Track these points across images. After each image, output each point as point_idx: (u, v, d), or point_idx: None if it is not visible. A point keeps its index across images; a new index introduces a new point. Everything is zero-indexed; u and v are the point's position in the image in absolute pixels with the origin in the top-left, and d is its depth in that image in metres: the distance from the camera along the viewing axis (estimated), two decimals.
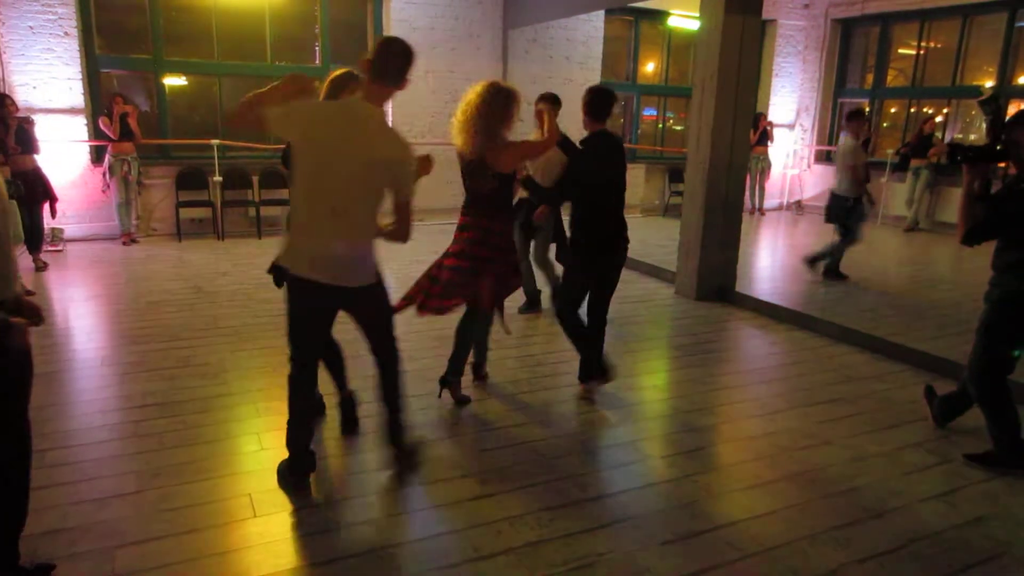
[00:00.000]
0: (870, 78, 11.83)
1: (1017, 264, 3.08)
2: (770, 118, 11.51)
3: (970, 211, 3.12)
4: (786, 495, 3.02)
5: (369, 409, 3.55)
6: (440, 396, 3.83)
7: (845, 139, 6.58)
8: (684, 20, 10.92)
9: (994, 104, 3.62)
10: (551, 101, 4.75)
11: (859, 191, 6.48)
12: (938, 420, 3.75)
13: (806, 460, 3.33)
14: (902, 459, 3.37)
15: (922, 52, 11.07)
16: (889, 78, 11.74)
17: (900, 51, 11.65)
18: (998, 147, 3.09)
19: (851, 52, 12.04)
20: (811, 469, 3.24)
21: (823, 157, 12.05)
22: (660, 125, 11.99)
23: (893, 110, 11.95)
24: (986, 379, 3.27)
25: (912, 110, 11.49)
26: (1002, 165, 3.74)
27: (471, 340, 3.83)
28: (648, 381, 4.50)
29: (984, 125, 4.20)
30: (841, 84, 12.06)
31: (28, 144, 6.43)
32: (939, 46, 11.06)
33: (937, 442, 3.56)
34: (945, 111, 11.05)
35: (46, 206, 6.76)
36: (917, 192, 9.96)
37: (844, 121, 6.65)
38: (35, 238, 6.58)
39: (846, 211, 6.55)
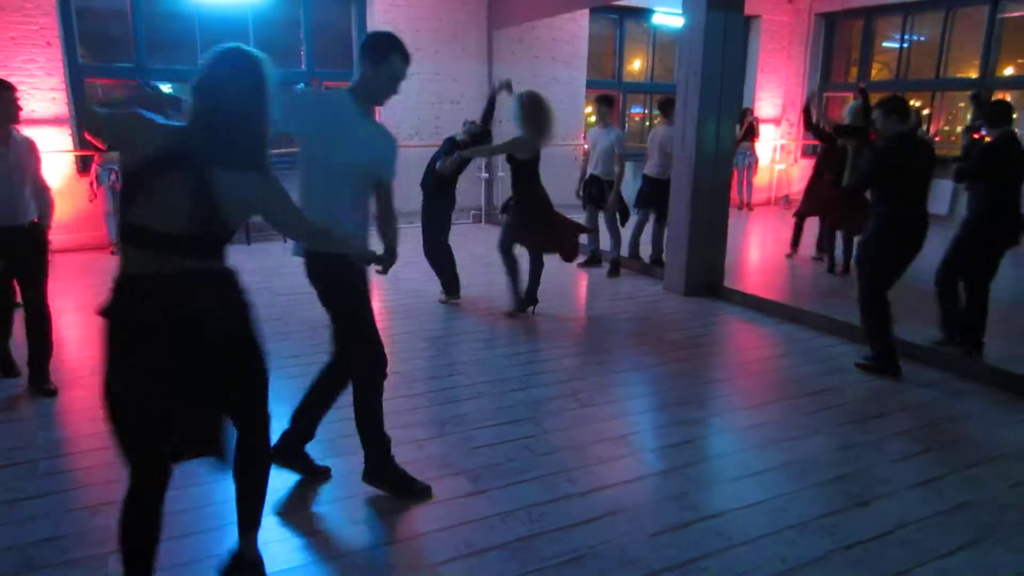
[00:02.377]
0: (855, 71, 11.91)
1: (878, 211, 4.13)
2: (756, 113, 11.57)
3: (851, 173, 4.34)
4: (774, 485, 3.05)
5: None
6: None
7: (665, 126, 6.83)
8: (668, 17, 10.97)
9: (864, 95, 5.03)
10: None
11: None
12: (896, 373, 4.29)
13: (794, 450, 3.36)
14: (888, 447, 3.41)
15: (906, 45, 11.16)
16: (874, 71, 11.83)
17: (884, 44, 11.74)
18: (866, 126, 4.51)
19: (835, 46, 12.12)
20: (799, 459, 3.28)
21: (810, 151, 12.12)
22: (647, 123, 12.04)
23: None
24: (866, 300, 4.21)
25: None
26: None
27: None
28: (638, 376, 4.54)
29: (859, 110, 5.50)
30: (826, 78, 12.14)
31: None
32: (923, 39, 11.15)
33: (923, 430, 3.61)
34: (918, 105, 11.14)
35: None
36: None
37: (662, 109, 7.04)
38: None
39: (667, 193, 6.74)
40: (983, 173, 4.36)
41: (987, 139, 4.59)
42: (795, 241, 7.59)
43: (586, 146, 7.17)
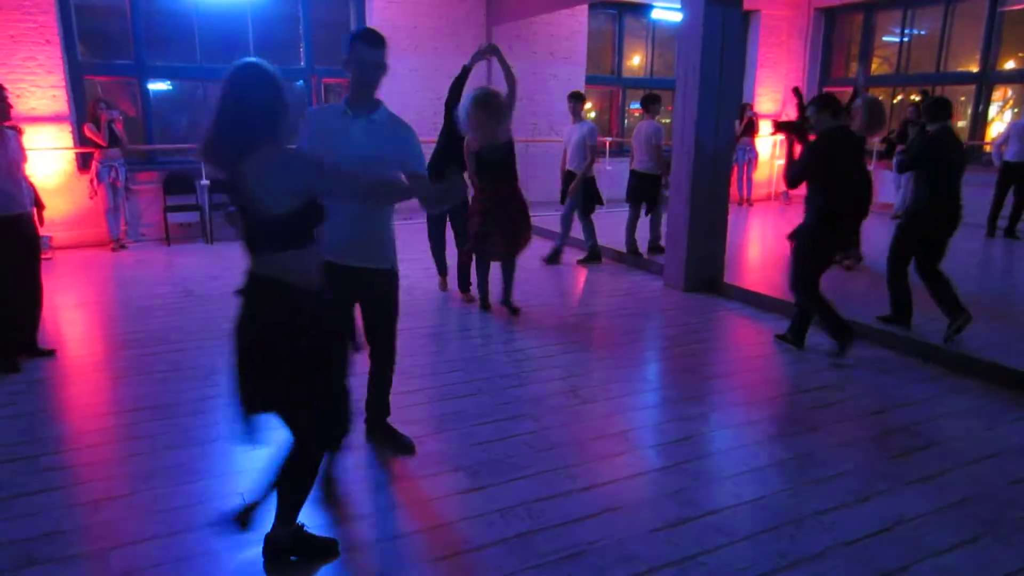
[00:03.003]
0: (855, 66, 11.88)
1: (815, 203, 4.29)
2: (756, 108, 11.55)
3: (789, 165, 4.54)
4: (773, 481, 3.06)
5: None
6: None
7: (649, 122, 7.06)
8: (667, 12, 10.96)
9: (798, 95, 5.18)
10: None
11: (667, 169, 6.87)
12: (799, 344, 4.65)
13: (793, 446, 3.37)
14: (888, 443, 3.41)
15: (906, 39, 11.14)
16: (874, 66, 11.81)
17: (884, 39, 11.72)
18: (802, 122, 4.63)
19: (835, 41, 12.10)
20: (798, 455, 3.28)
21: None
22: None
23: (881, 98, 12.01)
24: (800, 284, 4.42)
25: (899, 98, 11.57)
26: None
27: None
28: (638, 372, 4.54)
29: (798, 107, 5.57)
30: (826, 73, 12.12)
31: None
32: (923, 33, 11.13)
33: (923, 426, 3.61)
34: (918, 100, 11.11)
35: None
36: (903, 179, 10.02)
37: (644, 105, 7.27)
38: None
39: (657, 187, 7.10)
40: (920, 164, 4.68)
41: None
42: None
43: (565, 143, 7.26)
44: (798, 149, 4.63)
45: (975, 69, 10.18)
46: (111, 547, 2.53)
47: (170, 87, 8.98)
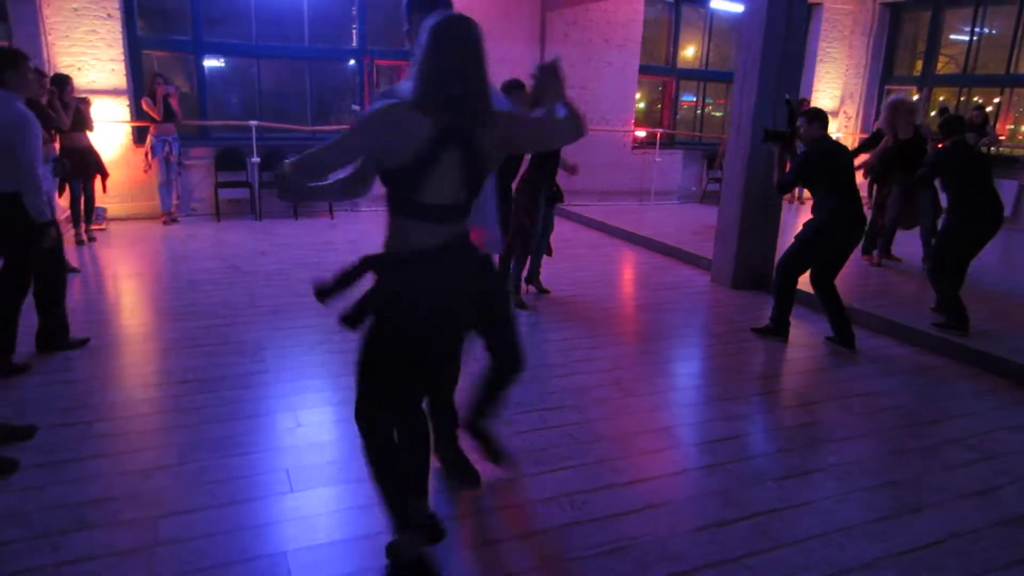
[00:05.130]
0: (919, 64, 11.48)
1: (823, 205, 4.53)
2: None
3: (780, 172, 4.84)
4: (822, 486, 2.98)
5: None
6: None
7: None
8: (726, 2, 10.71)
9: (790, 106, 5.21)
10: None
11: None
12: (849, 346, 4.58)
13: (842, 452, 3.27)
14: (942, 454, 3.29)
15: (975, 38, 10.70)
16: (939, 65, 11.38)
17: (952, 37, 11.28)
18: (791, 132, 4.86)
19: (900, 38, 11.69)
20: (848, 461, 3.19)
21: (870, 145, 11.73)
22: (699, 111, 11.81)
23: (942, 98, 11.60)
24: (785, 272, 4.68)
25: (963, 99, 11.14)
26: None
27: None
28: (683, 368, 4.47)
29: (787, 118, 5.33)
30: (888, 71, 11.73)
31: (83, 123, 6.62)
32: (994, 32, 10.68)
33: (979, 438, 3.47)
34: (993, 100, 10.69)
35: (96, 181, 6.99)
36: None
37: None
38: (88, 210, 6.97)
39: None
40: (936, 175, 5.02)
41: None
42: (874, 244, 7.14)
43: None
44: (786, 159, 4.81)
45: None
46: (159, 515, 2.57)
47: (223, 64, 9.11)
